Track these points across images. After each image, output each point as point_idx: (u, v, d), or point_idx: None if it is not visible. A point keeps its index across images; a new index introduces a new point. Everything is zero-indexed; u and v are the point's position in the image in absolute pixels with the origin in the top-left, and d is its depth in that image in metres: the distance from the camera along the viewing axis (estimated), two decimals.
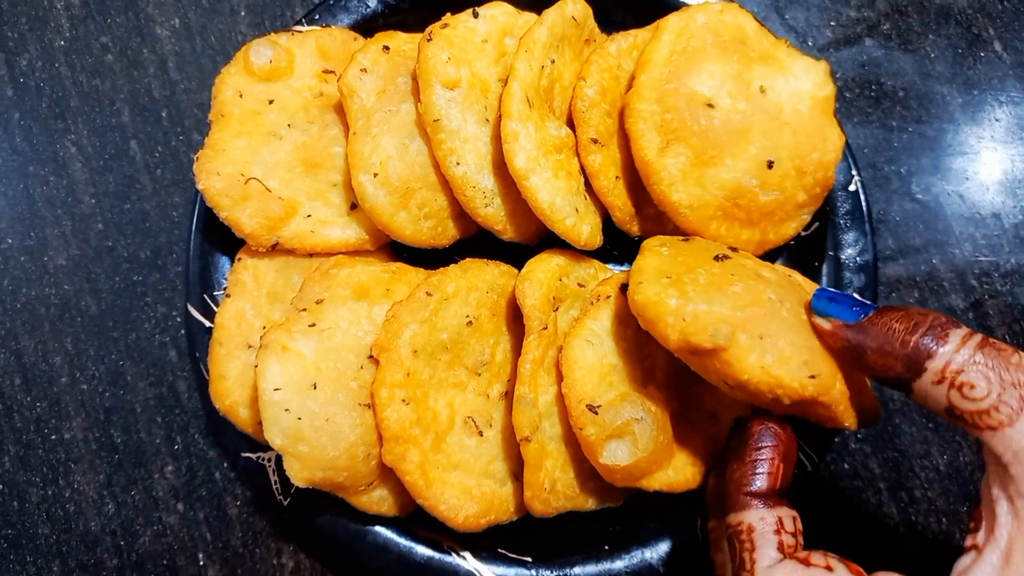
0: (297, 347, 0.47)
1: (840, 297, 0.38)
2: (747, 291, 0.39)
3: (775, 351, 0.37)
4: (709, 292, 0.39)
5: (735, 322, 0.37)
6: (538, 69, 0.50)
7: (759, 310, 0.38)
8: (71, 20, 0.62)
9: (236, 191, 0.51)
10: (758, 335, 0.37)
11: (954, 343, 0.34)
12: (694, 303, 0.39)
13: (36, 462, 0.57)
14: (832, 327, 0.38)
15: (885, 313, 0.36)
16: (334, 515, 0.51)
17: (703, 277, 0.40)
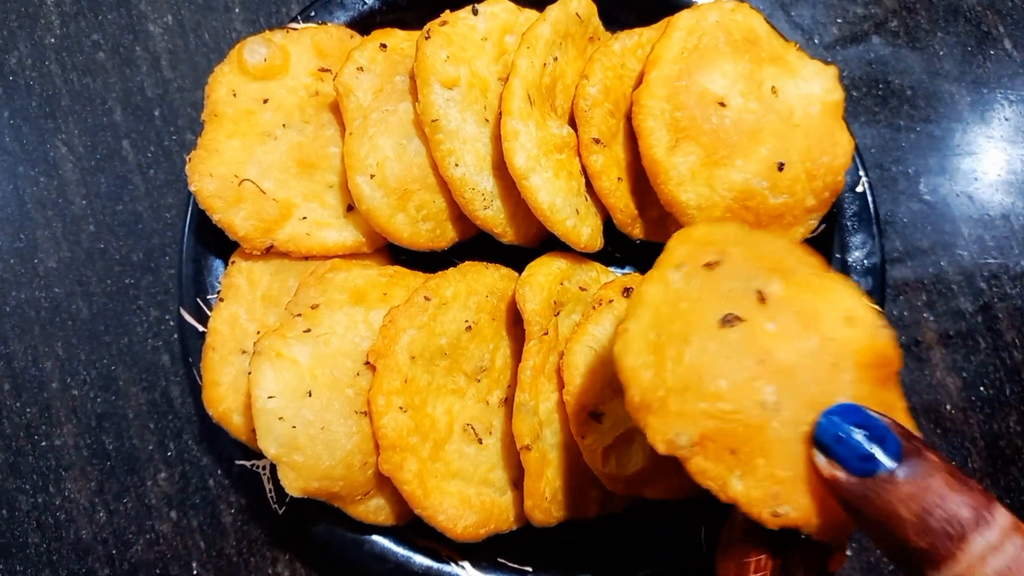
0: (292, 353, 0.45)
1: (849, 437, 0.29)
2: (734, 390, 0.31)
3: (745, 471, 0.31)
4: (687, 381, 0.31)
5: (699, 433, 0.31)
6: (540, 66, 0.48)
7: (739, 419, 0.31)
8: (62, 17, 0.61)
9: (230, 193, 0.49)
10: (728, 449, 0.31)
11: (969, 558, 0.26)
12: (665, 389, 0.31)
13: (26, 469, 0.56)
14: (828, 473, 0.29)
15: (893, 485, 0.27)
16: (330, 524, 0.50)
17: (690, 355, 0.32)
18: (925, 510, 0.26)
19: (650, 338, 0.32)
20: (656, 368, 0.32)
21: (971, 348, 0.57)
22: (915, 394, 0.57)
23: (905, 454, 0.28)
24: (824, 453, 0.29)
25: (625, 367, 0.32)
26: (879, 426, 0.29)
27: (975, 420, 0.57)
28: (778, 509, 0.31)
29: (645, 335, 0.32)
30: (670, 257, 0.35)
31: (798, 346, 0.32)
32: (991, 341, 0.57)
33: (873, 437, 0.28)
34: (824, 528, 0.31)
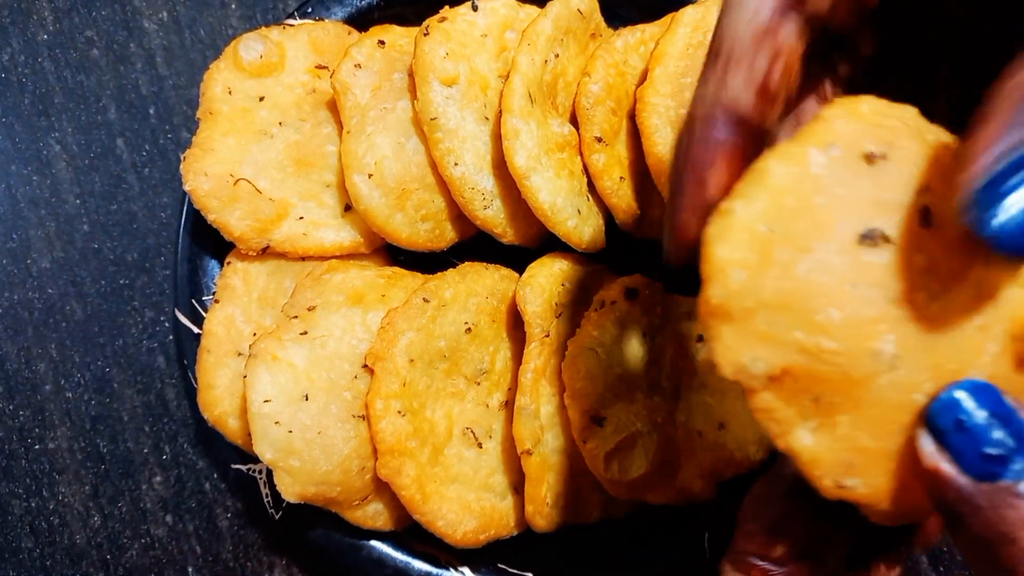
0: (288, 356, 0.45)
1: (975, 426, 0.22)
2: (846, 327, 0.24)
3: (822, 425, 0.25)
4: (790, 298, 0.24)
5: (782, 365, 0.25)
6: (541, 63, 0.48)
7: (840, 363, 0.24)
8: (55, 13, 0.60)
9: (225, 192, 0.49)
10: (811, 394, 0.25)
11: None
12: (757, 300, 0.25)
13: (19, 473, 0.55)
14: (932, 464, 0.23)
15: (1018, 500, 0.21)
16: (328, 528, 0.49)
17: (805, 265, 0.24)
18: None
19: (759, 230, 0.25)
20: (755, 270, 0.24)
21: None
22: None
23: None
24: (935, 437, 0.23)
25: (714, 256, 0.25)
26: (1017, 419, 0.22)
27: None
28: (845, 481, 0.25)
29: (754, 224, 0.25)
30: (821, 131, 0.26)
31: (948, 293, 0.25)
32: None
33: (1007, 432, 0.22)
34: (893, 517, 0.26)
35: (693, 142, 0.27)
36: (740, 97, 0.26)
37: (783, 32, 0.25)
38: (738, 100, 0.26)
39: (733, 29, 0.25)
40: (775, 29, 0.25)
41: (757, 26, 0.25)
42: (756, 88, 0.26)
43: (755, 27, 0.25)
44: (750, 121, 0.26)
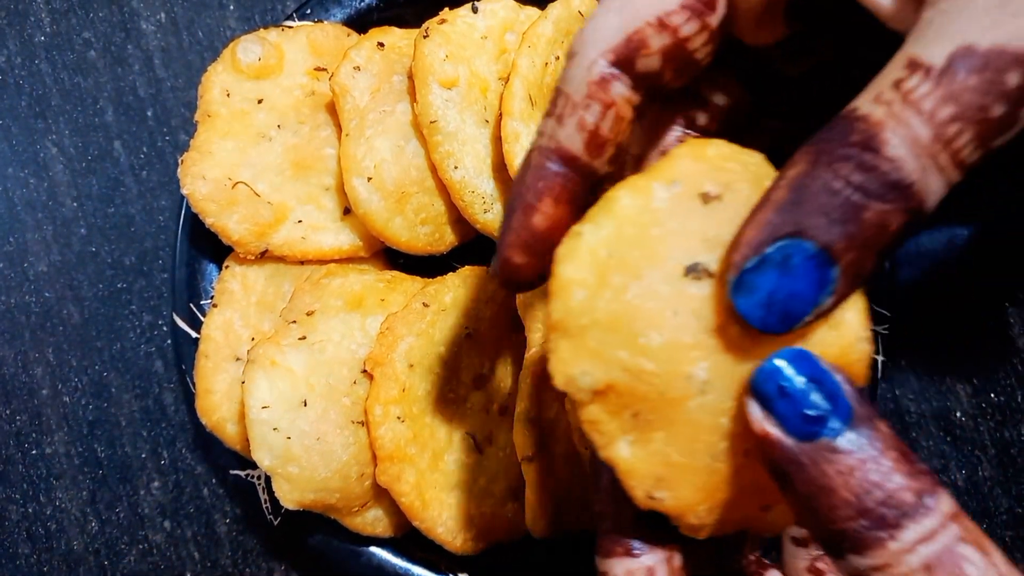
0: (286, 362, 0.44)
1: (795, 390, 0.24)
2: (664, 350, 0.26)
3: (638, 439, 0.27)
4: (618, 319, 0.27)
5: (606, 381, 0.26)
6: (542, 66, 0.47)
7: (656, 384, 0.26)
8: (52, 14, 0.60)
9: (223, 196, 0.48)
10: (630, 410, 0.26)
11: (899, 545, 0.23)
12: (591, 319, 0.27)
13: (16, 478, 0.54)
14: (761, 429, 0.24)
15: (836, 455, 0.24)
16: (327, 534, 0.49)
17: (635, 291, 0.26)
18: (864, 489, 0.23)
19: (600, 254, 0.27)
20: (592, 291, 0.27)
21: (981, 354, 0.56)
22: (924, 401, 0.56)
23: (855, 420, 0.24)
24: (761, 404, 0.24)
25: (560, 275, 0.27)
26: (831, 382, 0.24)
27: (986, 428, 0.55)
28: (655, 492, 0.27)
29: (597, 248, 0.27)
30: (668, 168, 0.29)
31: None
32: (1002, 347, 0.56)
33: (823, 395, 0.24)
34: (697, 530, 0.28)
35: (527, 172, 0.29)
36: (571, 140, 0.28)
37: (613, 89, 0.28)
38: (570, 142, 0.28)
39: (571, 77, 0.28)
40: (605, 85, 0.28)
41: (590, 80, 0.28)
42: (586, 135, 0.28)
43: (588, 81, 0.28)
44: (579, 160, 0.29)
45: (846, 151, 0.23)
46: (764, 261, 0.24)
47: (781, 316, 0.24)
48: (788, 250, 0.24)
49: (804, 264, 0.24)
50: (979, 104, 0.22)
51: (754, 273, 0.24)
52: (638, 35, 0.27)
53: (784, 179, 0.24)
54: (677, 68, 0.28)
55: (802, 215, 0.23)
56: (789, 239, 0.24)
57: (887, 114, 0.23)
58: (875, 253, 0.24)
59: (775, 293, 0.24)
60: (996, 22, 0.22)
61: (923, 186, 0.23)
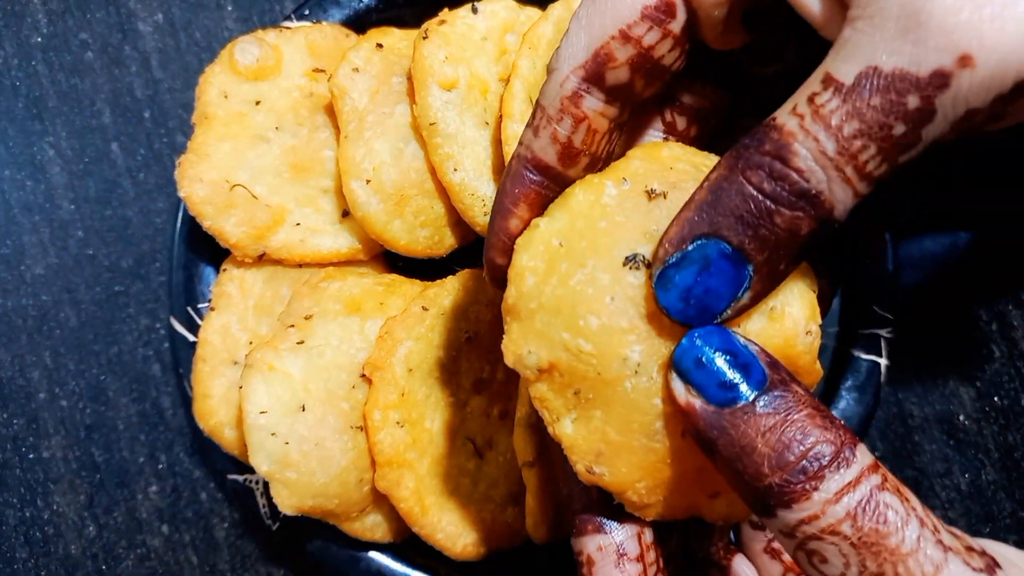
0: (284, 366, 0.44)
1: (711, 363, 0.26)
2: (601, 333, 0.28)
3: (580, 416, 0.29)
4: (562, 303, 0.28)
5: (549, 360, 0.28)
6: (542, 67, 0.47)
7: (593, 364, 0.28)
8: (48, 15, 0.59)
9: (220, 198, 0.48)
10: (572, 388, 0.28)
11: (823, 495, 0.24)
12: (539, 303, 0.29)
13: (13, 482, 0.54)
14: (685, 401, 0.26)
15: (753, 417, 0.25)
16: (326, 540, 0.48)
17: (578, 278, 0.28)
18: (783, 444, 0.24)
19: (552, 244, 0.29)
20: (541, 277, 0.29)
21: (985, 357, 0.56)
22: (927, 404, 0.55)
23: (770, 384, 0.25)
24: (682, 378, 0.26)
25: (516, 262, 0.30)
26: (744, 352, 0.26)
27: (989, 431, 0.55)
28: (595, 468, 0.29)
29: (550, 238, 0.29)
30: (621, 167, 0.31)
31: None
32: (1006, 350, 0.56)
33: (737, 364, 0.26)
34: (638, 508, 0.30)
35: (507, 179, 0.31)
36: (545, 151, 0.30)
37: (585, 103, 0.29)
38: (544, 153, 0.30)
39: (547, 92, 0.30)
40: (577, 100, 0.29)
41: (563, 95, 0.29)
42: (559, 147, 0.30)
43: (561, 96, 0.29)
44: (553, 170, 0.30)
45: (759, 159, 0.25)
46: (685, 258, 0.26)
47: (699, 310, 0.26)
48: (705, 249, 0.26)
49: (719, 262, 0.26)
50: (881, 122, 0.24)
51: (674, 269, 0.26)
52: (604, 50, 0.29)
53: (706, 181, 0.26)
54: (647, 76, 0.30)
55: (717, 216, 0.25)
56: (706, 239, 0.26)
57: (798, 126, 0.25)
58: (788, 255, 0.26)
59: (693, 288, 0.26)
60: (901, 47, 0.23)
61: (830, 196, 0.25)
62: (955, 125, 0.24)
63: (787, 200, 0.25)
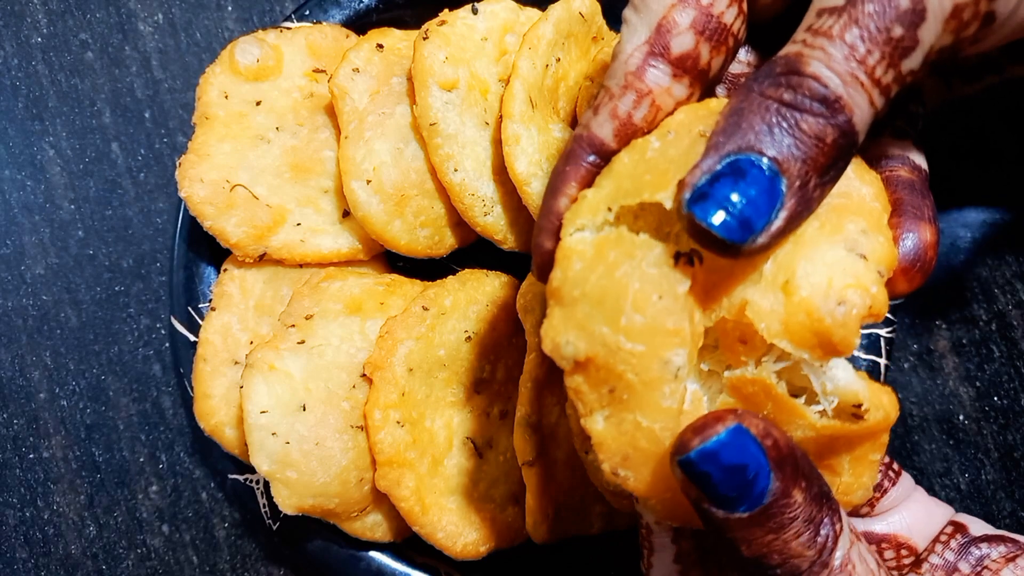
0: (285, 366, 0.44)
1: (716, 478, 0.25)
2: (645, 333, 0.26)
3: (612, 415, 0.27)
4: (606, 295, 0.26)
5: (587, 354, 0.27)
6: (542, 68, 0.47)
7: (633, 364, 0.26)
8: (48, 15, 0.59)
9: (221, 199, 0.48)
10: (608, 385, 0.27)
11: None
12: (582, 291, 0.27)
13: (13, 482, 0.54)
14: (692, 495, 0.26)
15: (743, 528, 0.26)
16: (326, 539, 0.48)
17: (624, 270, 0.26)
18: (764, 556, 0.26)
19: (601, 212, 0.28)
20: (588, 263, 0.27)
21: (985, 357, 0.56)
22: (927, 404, 0.56)
23: (770, 498, 0.26)
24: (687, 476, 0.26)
25: (563, 243, 0.28)
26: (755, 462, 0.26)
27: (989, 431, 0.55)
28: (620, 470, 0.28)
29: (598, 206, 0.28)
30: (665, 123, 0.30)
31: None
32: (1006, 350, 0.56)
33: (740, 482, 0.25)
34: (656, 511, 0.29)
35: (560, 161, 0.31)
36: (602, 127, 0.30)
37: (649, 76, 0.29)
38: (601, 129, 0.30)
39: (612, 73, 0.30)
40: (641, 74, 0.29)
41: (627, 71, 0.29)
42: (616, 123, 0.30)
43: (626, 72, 0.29)
44: (608, 147, 0.30)
45: (773, 79, 0.26)
46: (717, 177, 0.25)
47: (740, 223, 0.25)
48: (737, 164, 0.25)
49: (752, 172, 0.25)
50: (879, 27, 0.25)
51: (708, 186, 0.25)
52: (666, 19, 0.29)
53: (725, 109, 0.27)
54: (712, 40, 0.30)
55: (744, 133, 0.26)
56: (735, 155, 0.25)
57: (803, 47, 0.26)
58: (816, 169, 0.26)
59: (730, 199, 0.25)
60: None
61: (848, 100, 0.26)
62: (946, 25, 0.26)
63: (808, 105, 0.25)
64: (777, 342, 0.27)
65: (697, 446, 0.25)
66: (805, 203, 0.26)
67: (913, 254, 0.31)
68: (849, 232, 0.27)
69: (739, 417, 0.25)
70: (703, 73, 0.30)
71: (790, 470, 0.26)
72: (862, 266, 0.27)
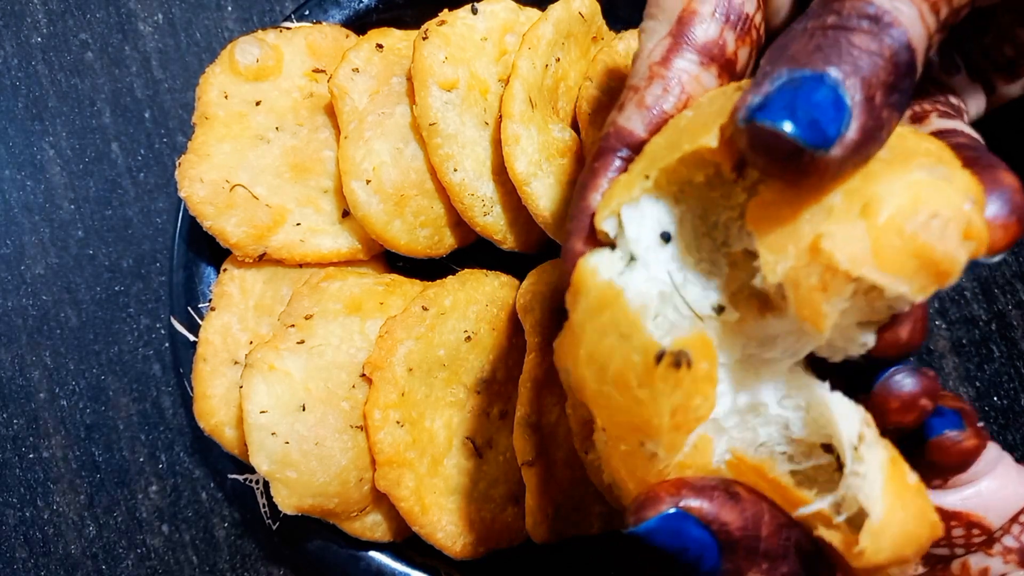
0: (285, 366, 0.44)
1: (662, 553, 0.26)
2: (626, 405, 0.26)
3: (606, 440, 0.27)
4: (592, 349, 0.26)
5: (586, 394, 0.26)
6: (542, 68, 0.47)
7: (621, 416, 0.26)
8: (48, 15, 0.59)
9: (221, 199, 0.48)
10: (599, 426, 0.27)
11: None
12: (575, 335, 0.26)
13: (13, 482, 0.54)
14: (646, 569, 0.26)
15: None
16: (326, 539, 0.48)
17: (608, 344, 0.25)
18: None
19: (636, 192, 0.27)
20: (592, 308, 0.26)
21: (985, 357, 0.56)
22: None
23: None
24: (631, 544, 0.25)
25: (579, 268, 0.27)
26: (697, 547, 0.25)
27: (989, 431, 0.55)
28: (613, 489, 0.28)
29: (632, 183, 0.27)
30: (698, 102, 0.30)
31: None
32: (1005, 350, 0.56)
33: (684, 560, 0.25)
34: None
35: (590, 160, 0.30)
36: (630, 120, 0.29)
37: (675, 64, 0.29)
38: (629, 121, 0.29)
39: (635, 72, 0.30)
40: (667, 63, 0.29)
41: (651, 63, 0.29)
42: (646, 112, 0.29)
43: (650, 64, 0.29)
44: (637, 138, 0.29)
45: (813, 13, 0.25)
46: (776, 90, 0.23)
47: (811, 124, 0.22)
48: (793, 79, 0.23)
49: (810, 83, 0.23)
50: None
51: (768, 99, 0.23)
52: (686, 11, 0.29)
53: (771, 46, 0.25)
54: (737, 29, 0.29)
55: (792, 57, 0.24)
56: (789, 74, 0.23)
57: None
58: (879, 85, 0.24)
59: (795, 106, 0.23)
60: None
61: (897, 15, 0.24)
62: None
63: (856, 24, 0.24)
64: (867, 273, 0.23)
65: (634, 525, 0.24)
66: (875, 120, 0.23)
67: (1003, 201, 0.27)
68: (923, 163, 0.24)
69: (677, 499, 0.24)
70: (730, 63, 0.29)
71: (744, 552, 0.25)
72: (948, 187, 0.24)
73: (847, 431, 0.25)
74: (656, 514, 0.24)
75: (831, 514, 0.25)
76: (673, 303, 0.27)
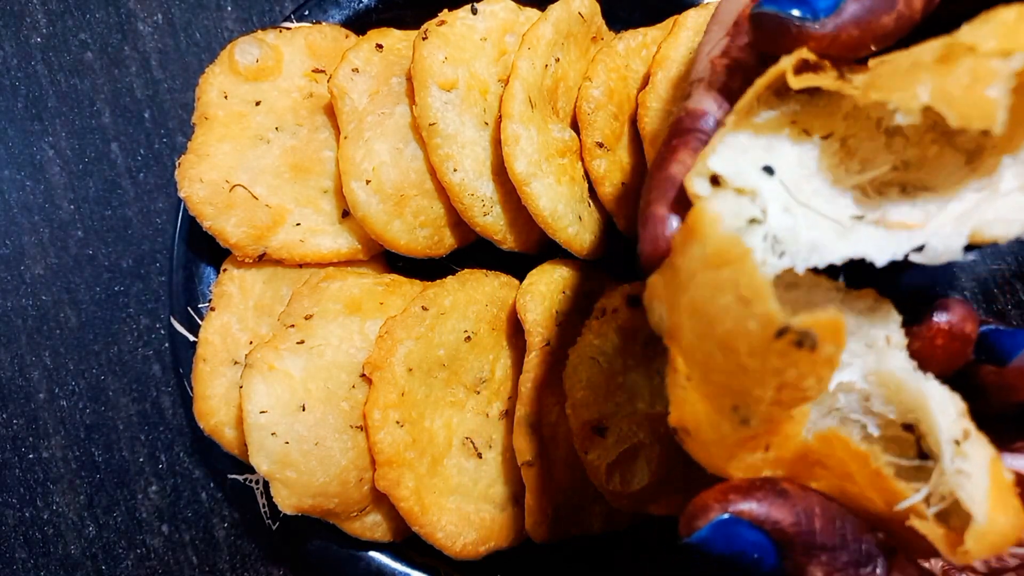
0: (284, 366, 0.44)
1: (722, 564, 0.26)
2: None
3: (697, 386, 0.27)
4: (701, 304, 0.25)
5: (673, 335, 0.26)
6: (542, 68, 0.47)
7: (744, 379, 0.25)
8: (48, 16, 0.59)
9: (221, 199, 0.48)
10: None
11: None
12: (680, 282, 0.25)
13: (12, 482, 0.54)
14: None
15: None
16: (326, 539, 0.48)
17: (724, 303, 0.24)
18: None
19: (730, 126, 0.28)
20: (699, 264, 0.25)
21: None
22: None
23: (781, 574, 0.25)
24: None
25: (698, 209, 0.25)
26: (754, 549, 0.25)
27: None
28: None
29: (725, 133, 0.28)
30: None
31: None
32: None
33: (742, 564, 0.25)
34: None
35: (666, 138, 0.31)
36: (702, 102, 0.30)
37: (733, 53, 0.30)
38: (701, 104, 0.30)
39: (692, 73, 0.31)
40: (728, 53, 0.30)
41: (712, 57, 0.30)
42: (716, 93, 0.30)
43: (711, 58, 0.30)
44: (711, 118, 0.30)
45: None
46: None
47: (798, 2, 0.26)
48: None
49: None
50: None
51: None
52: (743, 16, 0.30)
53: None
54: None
55: None
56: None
57: None
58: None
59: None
60: None
61: None
62: None
63: None
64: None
65: (687, 535, 0.24)
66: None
67: None
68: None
69: (726, 504, 0.24)
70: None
71: (802, 548, 0.25)
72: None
73: (946, 424, 0.25)
74: (707, 522, 0.24)
75: (924, 508, 0.25)
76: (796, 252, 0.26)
